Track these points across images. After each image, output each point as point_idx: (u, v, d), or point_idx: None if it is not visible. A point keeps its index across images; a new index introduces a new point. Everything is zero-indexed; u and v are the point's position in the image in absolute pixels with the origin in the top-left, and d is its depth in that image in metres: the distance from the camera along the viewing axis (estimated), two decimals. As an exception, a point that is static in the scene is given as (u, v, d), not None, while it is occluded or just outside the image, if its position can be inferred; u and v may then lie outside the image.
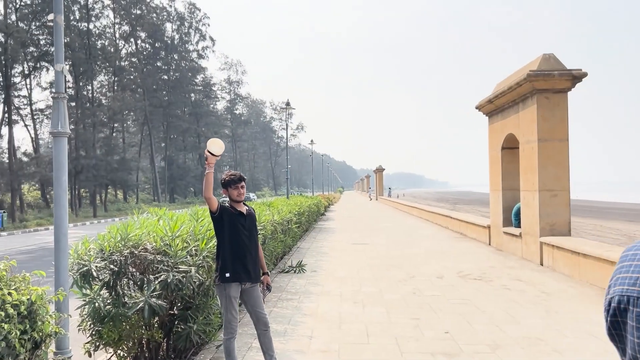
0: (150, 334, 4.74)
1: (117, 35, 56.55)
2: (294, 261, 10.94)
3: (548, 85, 10.65)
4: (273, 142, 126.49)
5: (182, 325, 4.93)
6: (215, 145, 4.22)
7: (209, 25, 73.78)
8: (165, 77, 66.99)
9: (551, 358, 5.01)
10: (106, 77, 53.30)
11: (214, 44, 74.33)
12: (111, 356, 4.92)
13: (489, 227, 14.43)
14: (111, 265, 4.58)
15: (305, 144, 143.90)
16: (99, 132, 47.85)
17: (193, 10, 72.12)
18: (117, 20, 55.76)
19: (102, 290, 4.68)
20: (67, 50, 40.97)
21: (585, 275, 8.77)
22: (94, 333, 4.71)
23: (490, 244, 14.23)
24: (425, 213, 26.79)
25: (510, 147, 13.08)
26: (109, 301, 4.65)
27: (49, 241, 19.41)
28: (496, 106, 13.22)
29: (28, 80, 42.41)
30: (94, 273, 4.52)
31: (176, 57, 68.77)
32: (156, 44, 64.77)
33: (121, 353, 4.84)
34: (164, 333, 4.91)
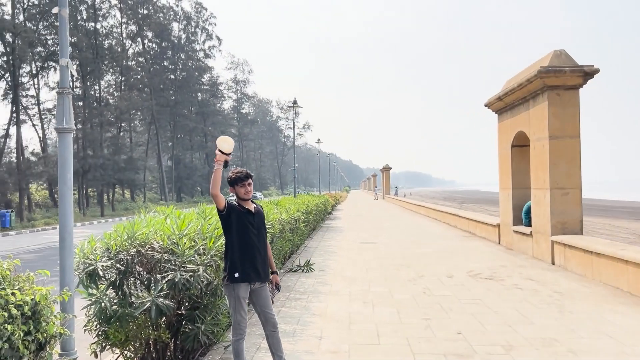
0: (157, 334, 4.67)
1: (124, 34, 56.77)
2: (302, 260, 10.86)
3: (559, 82, 10.49)
4: (279, 141, 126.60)
5: (190, 326, 4.85)
6: (225, 143, 4.14)
7: (215, 24, 73.95)
8: (172, 77, 67.19)
9: (567, 359, 4.89)
10: (113, 77, 53.53)
11: (220, 44, 74.55)
12: (118, 357, 4.86)
13: (498, 226, 14.28)
14: (118, 265, 4.51)
15: (311, 143, 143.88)
16: (106, 132, 48.01)
17: (200, 9, 72.32)
18: (124, 20, 55.95)
19: (109, 290, 4.62)
20: (75, 50, 41.16)
21: (599, 274, 8.61)
22: (100, 333, 4.65)
23: (499, 243, 14.08)
24: (432, 212, 26.62)
25: (520, 145, 12.92)
26: (115, 301, 4.59)
27: (56, 240, 19.30)
28: (506, 103, 13.06)
29: (36, 80, 42.71)
30: (100, 272, 4.46)
31: (183, 57, 68.92)
32: (163, 44, 64.98)
33: (128, 354, 4.78)
34: (171, 333, 4.83)
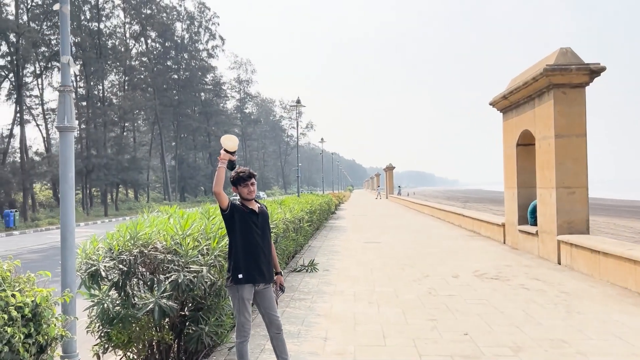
0: (160, 335, 4.62)
1: (128, 34, 56.75)
2: (305, 260, 10.80)
3: (565, 80, 10.39)
4: (283, 141, 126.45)
5: (194, 327, 4.80)
6: (229, 141, 4.09)
7: (218, 24, 74.16)
8: (176, 77, 67.19)
9: (576, 361, 4.81)
10: (117, 77, 53.57)
11: (223, 43, 74.49)
12: (120, 358, 4.81)
13: (503, 225, 14.18)
14: (120, 265, 4.46)
15: (314, 143, 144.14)
16: (109, 132, 48.04)
17: (203, 9, 72.30)
18: (128, 20, 55.93)
19: (111, 291, 4.57)
20: (78, 50, 41.20)
21: (606, 274, 8.52)
22: (102, 335, 4.60)
23: (504, 242, 13.98)
24: (436, 211, 26.53)
25: (525, 144, 12.82)
26: (118, 302, 4.54)
27: (60, 240, 19.31)
28: (511, 102, 12.96)
29: (40, 80, 42.73)
30: (103, 273, 4.41)
31: (186, 57, 68.93)
32: (166, 44, 64.95)
33: (131, 355, 4.73)
34: (174, 335, 4.78)
